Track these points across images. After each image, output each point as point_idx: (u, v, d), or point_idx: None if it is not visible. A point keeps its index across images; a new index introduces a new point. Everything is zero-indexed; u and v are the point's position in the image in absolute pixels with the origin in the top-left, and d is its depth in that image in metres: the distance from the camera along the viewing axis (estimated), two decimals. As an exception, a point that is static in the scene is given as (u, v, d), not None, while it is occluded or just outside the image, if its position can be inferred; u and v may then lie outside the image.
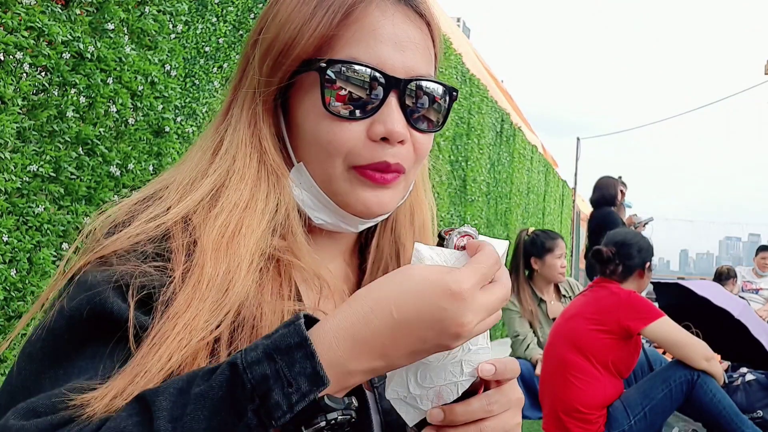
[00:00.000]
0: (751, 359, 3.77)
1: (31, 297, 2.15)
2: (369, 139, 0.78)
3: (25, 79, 2.10)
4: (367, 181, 0.79)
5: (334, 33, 0.77)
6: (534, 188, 11.32)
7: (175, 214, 0.74)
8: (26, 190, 2.14)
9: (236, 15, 3.31)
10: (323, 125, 0.78)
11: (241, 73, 0.84)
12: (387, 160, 0.78)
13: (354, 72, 0.76)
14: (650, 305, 3.15)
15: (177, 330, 0.67)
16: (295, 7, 0.79)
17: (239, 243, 0.74)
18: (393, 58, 0.78)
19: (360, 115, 0.77)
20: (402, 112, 0.78)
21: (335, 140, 0.77)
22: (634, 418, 3.08)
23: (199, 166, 0.80)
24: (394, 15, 0.79)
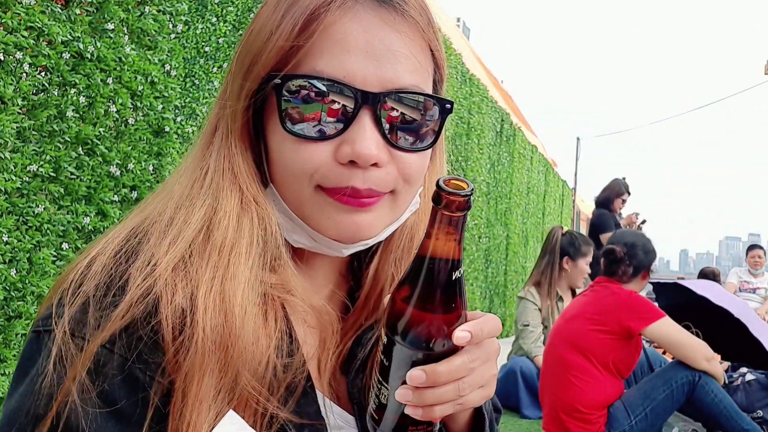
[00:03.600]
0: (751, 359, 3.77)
1: (31, 297, 2.15)
2: (337, 162, 0.69)
3: (25, 79, 2.10)
4: (332, 201, 0.70)
5: (295, 44, 0.68)
6: (534, 188, 11.32)
7: (164, 268, 0.66)
8: (26, 189, 2.14)
9: (236, 15, 3.31)
10: (285, 146, 0.70)
11: (223, 96, 0.75)
12: (355, 185, 0.69)
13: (313, 87, 0.67)
14: (651, 306, 3.15)
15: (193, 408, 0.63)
16: (268, 14, 0.71)
17: (231, 294, 0.67)
18: (365, 70, 0.68)
19: (325, 134, 0.68)
20: (378, 131, 0.69)
21: (297, 161, 0.69)
22: (635, 419, 3.08)
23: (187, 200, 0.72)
24: (369, 21, 0.69)
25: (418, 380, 0.64)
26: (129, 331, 0.64)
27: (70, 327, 0.64)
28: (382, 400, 0.68)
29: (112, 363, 0.63)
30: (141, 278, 0.65)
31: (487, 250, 8.20)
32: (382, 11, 0.69)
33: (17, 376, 0.68)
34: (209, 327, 0.64)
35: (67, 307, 0.66)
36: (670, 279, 6.55)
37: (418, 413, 0.66)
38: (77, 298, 0.66)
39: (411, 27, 0.71)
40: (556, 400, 3.19)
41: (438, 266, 0.63)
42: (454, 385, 0.66)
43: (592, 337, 3.08)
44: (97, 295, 0.65)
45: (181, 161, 0.79)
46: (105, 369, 0.63)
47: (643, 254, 3.24)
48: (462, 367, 0.65)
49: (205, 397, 0.64)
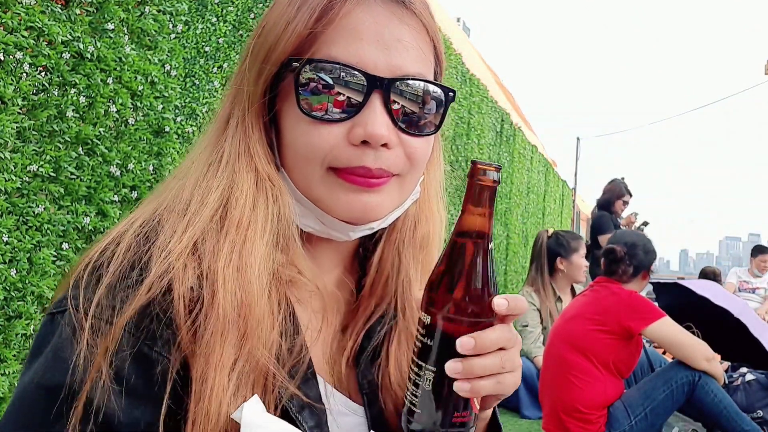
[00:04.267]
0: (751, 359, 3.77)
1: (31, 297, 2.15)
2: (349, 143, 0.73)
3: (25, 79, 2.10)
4: (348, 184, 0.74)
5: (312, 31, 0.73)
6: (534, 188, 11.32)
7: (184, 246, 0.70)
8: (26, 189, 2.14)
9: (236, 15, 3.31)
10: (300, 128, 0.74)
11: (238, 82, 0.79)
12: (367, 164, 0.73)
13: (330, 71, 0.72)
14: (651, 306, 3.15)
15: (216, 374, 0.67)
16: (282, 9, 0.76)
17: (248, 265, 0.70)
18: (376, 58, 0.73)
19: (338, 116, 0.72)
20: (387, 114, 0.73)
21: (311, 143, 0.73)
22: (635, 419, 3.08)
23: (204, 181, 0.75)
24: (380, 13, 0.74)
25: (468, 346, 0.67)
26: (143, 312, 0.67)
27: (90, 307, 0.67)
28: (425, 386, 0.69)
29: (124, 343, 0.66)
30: (161, 258, 0.69)
31: (487, 250, 8.19)
32: (392, 5, 0.75)
33: (30, 357, 0.71)
34: (229, 297, 0.68)
35: (83, 289, 0.68)
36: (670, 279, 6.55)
37: (465, 388, 0.67)
38: (95, 279, 0.69)
39: (416, 21, 0.76)
40: (556, 400, 3.19)
41: (476, 239, 0.69)
42: (497, 355, 0.69)
43: (593, 337, 3.07)
44: (117, 276, 0.68)
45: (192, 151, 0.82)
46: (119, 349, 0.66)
47: (644, 254, 3.25)
48: (502, 336, 0.69)
49: (226, 363, 0.67)
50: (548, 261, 4.54)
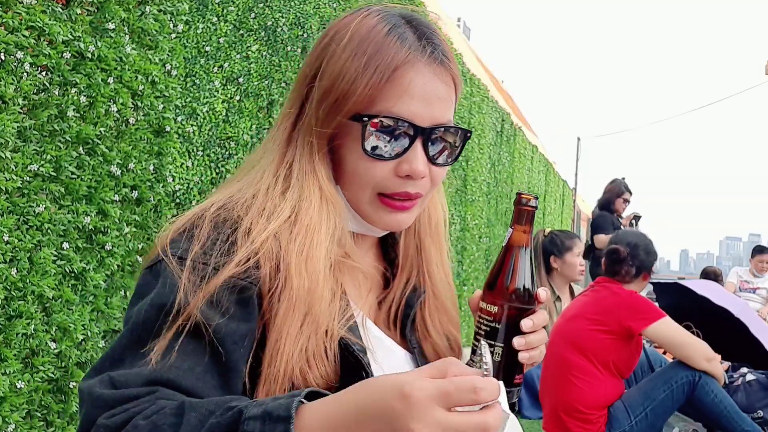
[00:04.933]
0: (752, 359, 3.77)
1: (31, 296, 2.15)
2: (395, 175, 0.96)
3: (25, 79, 2.10)
4: (387, 208, 0.98)
5: (378, 91, 0.93)
6: (534, 188, 11.31)
7: (265, 237, 0.90)
8: (27, 189, 2.14)
9: (237, 15, 3.31)
10: (360, 163, 0.96)
11: (299, 109, 1.00)
12: (408, 191, 0.97)
13: (390, 124, 0.93)
14: (651, 306, 3.15)
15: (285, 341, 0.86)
16: (347, 59, 0.95)
17: (314, 258, 0.91)
18: (422, 111, 0.94)
19: (391, 156, 0.95)
20: (425, 154, 0.95)
21: (368, 174, 0.96)
22: (635, 419, 3.08)
23: (275, 190, 0.95)
24: (426, 75, 0.95)
25: (530, 325, 0.91)
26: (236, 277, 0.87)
27: (189, 253, 0.87)
28: (496, 359, 0.92)
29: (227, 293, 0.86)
30: (249, 242, 0.89)
31: (487, 250, 8.20)
32: (435, 67, 0.96)
33: (134, 300, 0.89)
34: (299, 281, 0.89)
35: (182, 242, 0.89)
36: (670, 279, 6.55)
37: (525, 357, 0.92)
38: (187, 238, 0.90)
39: (449, 77, 0.98)
40: (556, 400, 3.19)
41: (525, 246, 0.94)
42: (542, 331, 0.93)
43: (593, 337, 3.07)
44: (209, 241, 0.89)
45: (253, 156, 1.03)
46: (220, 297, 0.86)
47: (645, 255, 3.24)
48: (544, 318, 0.94)
49: (293, 333, 0.88)
50: (544, 260, 4.56)
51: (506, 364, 0.92)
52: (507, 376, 0.93)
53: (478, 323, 0.94)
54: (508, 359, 0.92)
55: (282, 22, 3.66)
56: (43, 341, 2.19)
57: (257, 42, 3.48)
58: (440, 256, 1.10)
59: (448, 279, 1.12)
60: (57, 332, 2.25)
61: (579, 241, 4.55)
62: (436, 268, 1.09)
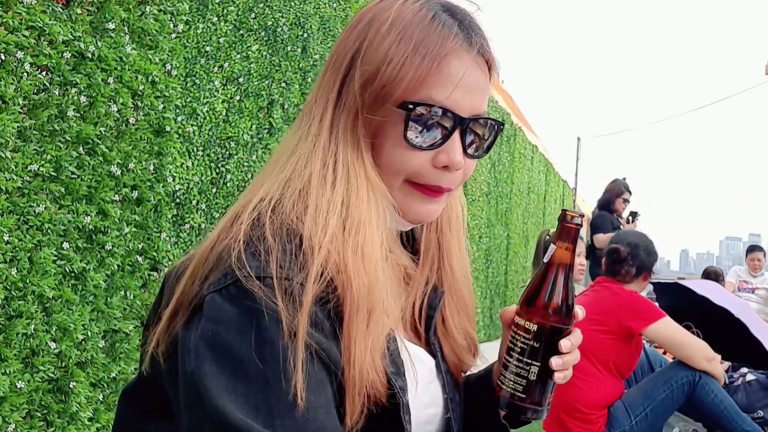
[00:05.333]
0: (752, 359, 3.76)
1: (31, 296, 2.15)
2: (432, 166, 0.93)
3: (25, 79, 2.10)
4: (418, 194, 0.94)
5: (424, 78, 0.90)
6: (534, 188, 11.32)
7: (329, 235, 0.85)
8: (27, 189, 2.14)
9: (237, 15, 3.31)
10: (398, 151, 0.92)
11: (338, 93, 0.94)
12: (442, 185, 0.94)
13: (433, 113, 0.90)
14: (652, 306, 3.14)
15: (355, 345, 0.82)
16: (393, 44, 0.91)
17: (370, 254, 0.87)
18: (463, 101, 0.92)
19: (429, 146, 0.92)
20: (462, 145, 0.93)
21: (405, 162, 0.92)
22: (635, 419, 3.07)
23: (325, 182, 0.90)
24: (469, 63, 0.92)
25: (569, 346, 0.92)
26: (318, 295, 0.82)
27: (274, 271, 0.80)
28: (531, 378, 0.92)
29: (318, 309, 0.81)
30: (317, 250, 0.83)
31: (487, 250, 8.20)
32: (476, 56, 0.94)
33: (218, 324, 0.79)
34: (360, 281, 0.85)
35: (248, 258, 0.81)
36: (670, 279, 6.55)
37: (560, 377, 0.93)
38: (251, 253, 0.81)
39: (486, 67, 0.96)
40: (556, 400, 3.17)
41: (565, 266, 0.94)
42: (577, 351, 0.94)
43: (593, 337, 3.07)
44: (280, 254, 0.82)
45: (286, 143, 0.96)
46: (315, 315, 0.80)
47: (646, 255, 3.24)
48: (579, 337, 0.94)
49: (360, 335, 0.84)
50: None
51: (541, 383, 0.93)
52: (541, 395, 0.93)
53: (513, 339, 0.93)
54: (543, 378, 0.92)
55: (282, 22, 3.66)
56: (43, 341, 2.19)
57: (257, 42, 3.48)
58: (460, 249, 1.08)
59: (467, 272, 1.10)
60: (57, 332, 2.25)
61: (581, 242, 4.57)
62: (456, 261, 1.07)
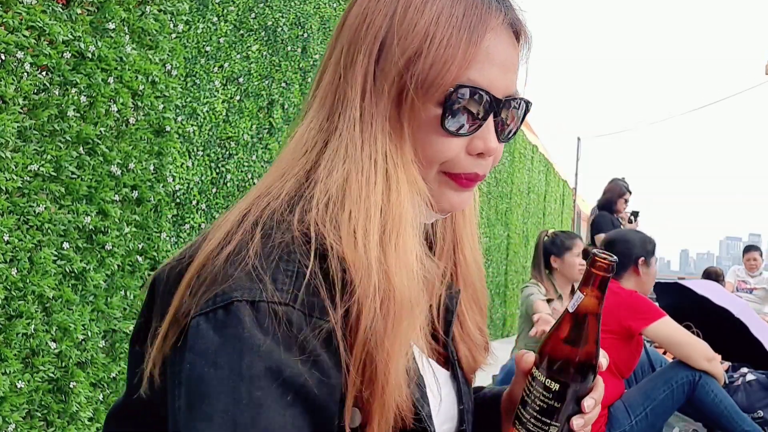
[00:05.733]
0: (752, 359, 3.76)
1: (31, 296, 2.15)
2: (467, 153, 0.84)
3: (26, 79, 2.10)
4: (453, 184, 0.85)
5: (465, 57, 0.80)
6: (534, 188, 11.31)
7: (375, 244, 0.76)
8: (27, 189, 2.14)
9: (237, 15, 3.31)
10: (432, 138, 0.82)
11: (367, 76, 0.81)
12: (478, 172, 0.85)
13: (473, 96, 0.81)
14: (652, 305, 3.14)
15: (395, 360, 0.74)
16: (432, 18, 0.80)
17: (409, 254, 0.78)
18: (499, 81, 0.82)
19: (465, 132, 0.82)
20: (496, 129, 0.84)
21: (440, 151, 0.82)
22: (635, 419, 3.07)
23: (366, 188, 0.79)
24: (504, 40, 0.83)
25: (591, 406, 0.86)
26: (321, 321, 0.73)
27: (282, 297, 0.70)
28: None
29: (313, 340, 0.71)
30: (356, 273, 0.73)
31: (487, 250, 8.20)
32: (510, 32, 0.85)
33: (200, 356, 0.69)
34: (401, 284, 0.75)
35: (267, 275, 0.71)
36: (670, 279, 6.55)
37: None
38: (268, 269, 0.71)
39: (518, 44, 0.87)
40: (556, 400, 3.18)
41: (595, 317, 0.86)
42: (598, 405, 0.87)
43: (593, 337, 3.07)
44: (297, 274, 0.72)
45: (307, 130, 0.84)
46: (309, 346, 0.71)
47: (624, 249, 3.19)
48: (601, 391, 0.88)
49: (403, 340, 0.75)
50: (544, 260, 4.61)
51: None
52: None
53: (529, 393, 0.84)
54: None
55: (282, 22, 3.66)
56: (43, 341, 2.19)
57: (257, 42, 3.48)
58: (473, 239, 0.99)
59: (480, 262, 1.02)
60: (57, 332, 2.25)
61: (579, 242, 4.56)
62: (469, 251, 0.99)
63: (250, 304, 0.68)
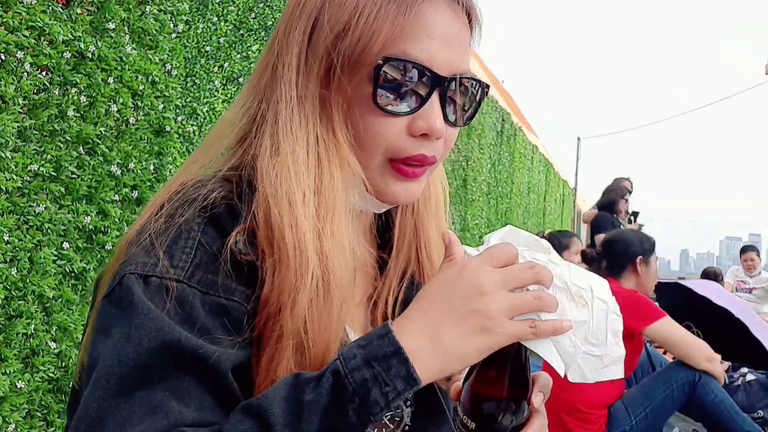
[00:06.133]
0: (752, 359, 3.76)
1: (31, 296, 2.15)
2: (409, 134, 0.79)
3: (25, 79, 2.10)
4: (397, 175, 0.81)
5: (396, 29, 0.77)
6: (534, 188, 11.32)
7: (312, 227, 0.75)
8: (27, 189, 2.14)
9: (237, 14, 3.31)
10: (368, 119, 0.79)
11: (300, 58, 0.79)
12: (424, 153, 0.80)
13: (407, 70, 0.77)
14: (652, 305, 3.14)
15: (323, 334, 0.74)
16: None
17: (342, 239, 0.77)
18: (441, 56, 0.78)
19: (405, 111, 0.78)
20: (442, 109, 0.80)
21: (378, 133, 0.79)
22: (636, 418, 3.07)
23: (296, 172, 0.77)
24: (445, 11, 0.79)
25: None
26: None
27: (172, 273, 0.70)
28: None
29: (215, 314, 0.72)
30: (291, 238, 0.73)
31: (487, 249, 8.18)
32: (457, 7, 0.80)
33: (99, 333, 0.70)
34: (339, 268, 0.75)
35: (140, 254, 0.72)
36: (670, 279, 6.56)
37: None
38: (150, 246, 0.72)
39: (465, 16, 0.82)
40: (556, 400, 3.18)
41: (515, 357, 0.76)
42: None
43: (593, 337, 3.07)
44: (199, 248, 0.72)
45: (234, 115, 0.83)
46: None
47: (622, 248, 3.20)
48: (538, 427, 0.79)
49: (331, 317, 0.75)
50: None
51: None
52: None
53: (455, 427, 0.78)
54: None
55: (282, 22, 3.67)
56: (43, 341, 2.19)
57: (257, 42, 3.48)
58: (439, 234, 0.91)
59: None
60: (57, 332, 2.25)
61: (577, 241, 4.56)
62: (435, 247, 0.94)
63: (140, 278, 0.69)
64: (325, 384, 0.65)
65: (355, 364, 0.66)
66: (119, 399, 0.64)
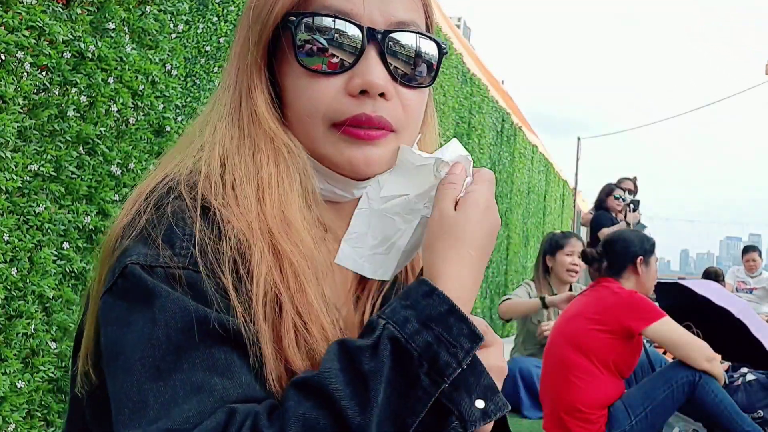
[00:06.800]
0: (752, 359, 3.76)
1: (31, 296, 2.15)
2: (348, 94, 0.74)
3: (26, 79, 2.10)
4: (350, 139, 0.75)
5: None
6: (535, 188, 11.31)
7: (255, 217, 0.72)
8: (27, 189, 2.14)
9: (237, 14, 3.31)
10: (300, 84, 0.75)
11: (239, 47, 0.79)
12: (366, 112, 0.74)
13: (326, 24, 0.72)
14: (652, 305, 3.14)
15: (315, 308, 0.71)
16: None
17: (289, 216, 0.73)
18: (370, 8, 0.73)
19: (337, 69, 0.74)
20: (384, 66, 0.75)
21: (312, 97, 0.74)
22: (636, 419, 3.07)
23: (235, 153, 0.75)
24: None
25: None
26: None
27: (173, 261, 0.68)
28: None
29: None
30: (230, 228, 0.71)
31: (487, 250, 8.18)
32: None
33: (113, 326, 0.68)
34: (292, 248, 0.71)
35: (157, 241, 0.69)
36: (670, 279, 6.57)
37: None
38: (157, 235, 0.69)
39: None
40: (556, 400, 3.19)
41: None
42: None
43: (593, 337, 3.07)
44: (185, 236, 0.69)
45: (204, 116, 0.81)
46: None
47: (622, 249, 3.20)
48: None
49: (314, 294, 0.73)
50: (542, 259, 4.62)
51: None
52: None
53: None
54: None
55: (282, 22, 3.67)
56: (43, 341, 2.19)
57: (257, 42, 3.49)
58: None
59: None
60: (57, 332, 2.25)
61: (574, 240, 4.54)
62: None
63: (145, 268, 0.67)
64: (384, 351, 0.63)
65: (413, 328, 0.64)
66: (159, 382, 0.62)
